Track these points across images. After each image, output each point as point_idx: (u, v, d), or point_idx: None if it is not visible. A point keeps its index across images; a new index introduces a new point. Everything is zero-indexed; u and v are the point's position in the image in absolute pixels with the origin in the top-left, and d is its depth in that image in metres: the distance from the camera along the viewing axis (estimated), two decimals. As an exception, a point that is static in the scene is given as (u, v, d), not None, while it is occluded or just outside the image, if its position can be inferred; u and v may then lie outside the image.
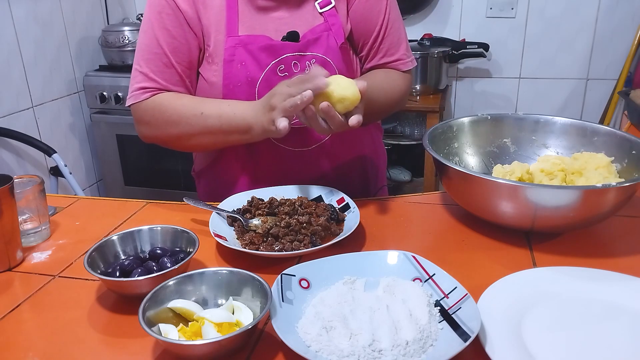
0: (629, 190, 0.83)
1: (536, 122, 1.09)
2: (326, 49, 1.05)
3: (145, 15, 1.05)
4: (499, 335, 0.64)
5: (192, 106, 1.01)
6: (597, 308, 0.71)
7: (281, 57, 1.03)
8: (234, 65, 1.03)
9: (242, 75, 1.03)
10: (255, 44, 1.03)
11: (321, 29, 1.06)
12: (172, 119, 1.02)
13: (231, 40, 1.02)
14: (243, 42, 1.03)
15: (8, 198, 0.83)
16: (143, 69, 1.04)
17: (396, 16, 1.13)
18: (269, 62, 1.03)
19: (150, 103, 1.03)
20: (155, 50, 1.03)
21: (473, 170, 0.99)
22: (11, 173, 0.88)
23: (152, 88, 1.04)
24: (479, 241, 0.90)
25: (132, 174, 2.54)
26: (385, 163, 1.31)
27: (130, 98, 1.06)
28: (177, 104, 1.02)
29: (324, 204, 0.96)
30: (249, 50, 1.02)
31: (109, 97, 2.38)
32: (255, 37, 1.03)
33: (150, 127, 1.06)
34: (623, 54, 2.42)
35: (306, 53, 1.05)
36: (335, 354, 0.62)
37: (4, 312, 0.76)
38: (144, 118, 1.05)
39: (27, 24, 2.18)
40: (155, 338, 0.62)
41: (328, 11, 1.07)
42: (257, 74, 1.03)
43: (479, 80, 2.66)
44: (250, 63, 1.03)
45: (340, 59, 1.07)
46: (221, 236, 0.88)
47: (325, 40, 1.06)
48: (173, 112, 1.02)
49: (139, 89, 1.04)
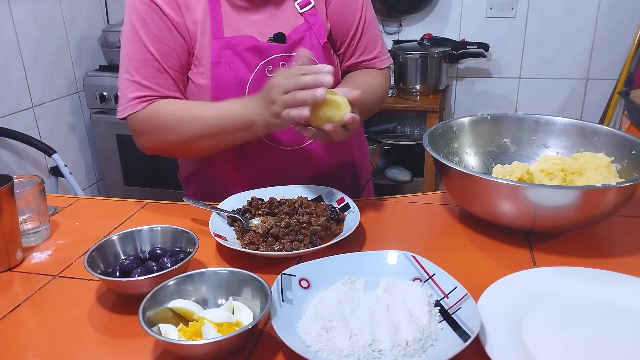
0: (628, 190, 0.83)
1: (536, 122, 1.09)
2: (310, 48, 1.06)
3: (128, 24, 1.01)
4: (499, 335, 0.64)
5: (190, 109, 0.99)
6: (597, 308, 0.71)
7: (269, 57, 1.03)
8: (222, 67, 1.02)
9: (231, 77, 1.02)
10: (242, 45, 1.02)
11: (303, 28, 1.07)
12: (171, 125, 0.99)
13: (217, 43, 1.02)
14: (230, 44, 1.02)
15: (8, 198, 0.83)
16: (135, 77, 1.01)
17: (371, 14, 1.15)
18: (257, 63, 1.03)
19: (147, 112, 1.00)
20: (145, 57, 1.00)
21: (473, 170, 0.99)
22: (11, 173, 0.88)
23: (148, 96, 1.01)
24: (479, 241, 0.90)
25: (132, 174, 2.54)
26: (368, 155, 1.32)
27: (125, 110, 1.02)
28: (175, 109, 1.00)
29: (324, 204, 0.96)
30: (236, 51, 1.02)
31: (109, 97, 2.38)
32: (241, 38, 1.03)
33: (149, 136, 1.03)
34: (623, 54, 2.42)
35: (293, 53, 1.05)
36: (335, 354, 0.62)
37: (4, 312, 0.76)
38: (143, 128, 1.02)
39: (27, 24, 2.18)
40: (155, 338, 0.62)
41: (308, 11, 1.08)
42: (246, 75, 1.03)
43: (479, 80, 2.66)
44: (239, 64, 1.02)
45: (323, 58, 1.08)
46: (221, 236, 0.88)
47: (309, 40, 1.06)
48: (171, 118, 0.99)
49: (134, 98, 1.01)
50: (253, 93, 1.01)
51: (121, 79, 1.03)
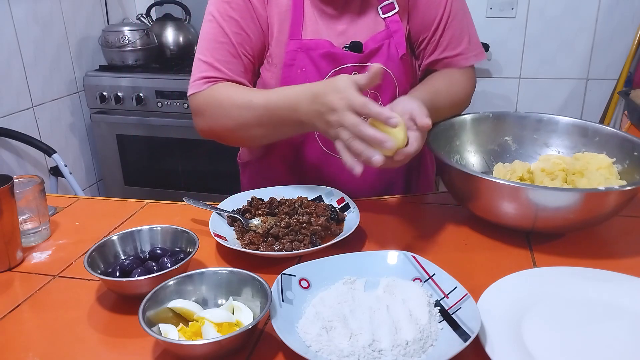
0: (630, 193, 0.82)
1: (538, 120, 1.09)
2: (387, 59, 1.03)
3: (211, 6, 1.01)
4: (499, 335, 0.64)
5: (243, 94, 0.96)
6: (597, 308, 0.71)
7: (342, 66, 1.01)
8: (294, 70, 1.01)
9: (301, 82, 0.99)
10: (317, 49, 1.00)
11: (382, 36, 1.03)
12: (223, 107, 0.97)
13: (293, 44, 1.00)
14: (305, 47, 1.00)
15: (8, 198, 0.83)
16: (207, 58, 1.00)
17: (458, 8, 1.07)
18: (329, 70, 1.01)
19: (207, 92, 0.99)
20: (222, 40, 0.99)
21: (474, 170, 0.99)
22: (11, 173, 0.88)
23: (216, 78, 0.99)
24: (479, 241, 0.90)
25: (132, 174, 2.54)
26: (433, 169, 1.23)
27: (190, 88, 1.02)
28: (231, 92, 0.97)
29: (324, 204, 0.96)
30: (310, 56, 1.00)
31: (109, 97, 2.38)
32: (317, 42, 1.01)
33: (204, 118, 1.01)
34: (623, 54, 2.42)
35: (367, 63, 1.02)
36: (335, 354, 0.62)
37: (4, 312, 0.76)
38: (200, 108, 1.01)
39: (27, 24, 2.18)
40: (155, 338, 0.62)
41: (391, 17, 1.03)
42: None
43: (479, 80, 2.63)
44: (311, 69, 1.01)
45: (400, 70, 1.04)
46: (221, 236, 0.87)
47: (387, 49, 1.03)
48: (226, 100, 0.97)
49: (201, 78, 1.00)
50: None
51: (195, 60, 1.02)
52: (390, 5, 1.03)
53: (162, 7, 2.67)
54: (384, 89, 1.06)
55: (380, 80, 0.81)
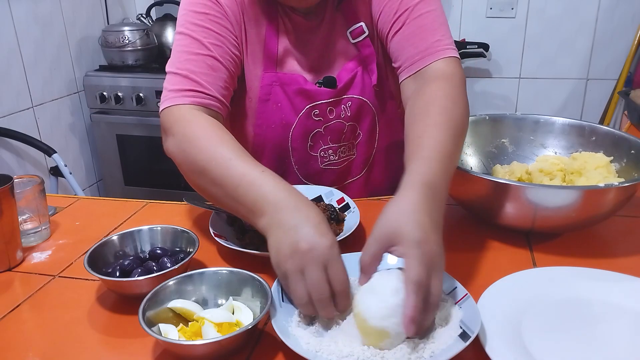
0: (630, 190, 0.83)
1: (535, 122, 1.09)
2: (361, 89, 1.01)
3: (184, 17, 0.92)
4: (499, 335, 0.64)
5: (217, 144, 0.80)
6: (597, 308, 0.71)
7: (316, 102, 0.99)
8: (269, 105, 0.99)
9: (277, 118, 0.98)
10: (292, 85, 0.98)
11: (355, 64, 1.00)
12: (191, 142, 0.82)
13: (268, 77, 0.98)
14: (280, 81, 0.98)
15: (8, 198, 0.83)
16: (181, 71, 0.88)
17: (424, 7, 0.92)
18: (304, 107, 0.99)
19: (181, 112, 0.85)
20: (198, 51, 0.89)
21: (473, 171, 0.99)
22: (11, 173, 0.88)
23: (191, 90, 0.87)
24: (479, 241, 0.90)
25: (132, 174, 2.54)
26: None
27: (162, 103, 0.89)
28: (207, 130, 0.82)
29: (324, 204, 0.96)
30: (285, 91, 0.98)
31: (109, 97, 2.38)
32: (291, 76, 0.98)
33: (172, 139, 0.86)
34: (623, 54, 2.42)
35: (342, 97, 1.01)
36: (335, 354, 0.62)
37: (4, 312, 0.76)
38: (167, 125, 0.87)
39: (27, 24, 2.18)
40: (155, 338, 0.62)
41: (361, 41, 0.99)
42: (292, 119, 1.00)
43: (479, 80, 2.66)
44: (286, 105, 0.99)
45: (374, 99, 1.03)
46: (221, 236, 0.87)
47: (360, 79, 1.00)
48: (194, 137, 0.82)
49: (173, 90, 0.88)
50: (297, 136, 0.99)
51: (167, 74, 0.90)
52: (359, 29, 0.98)
53: (162, 7, 2.67)
54: (363, 118, 1.05)
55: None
